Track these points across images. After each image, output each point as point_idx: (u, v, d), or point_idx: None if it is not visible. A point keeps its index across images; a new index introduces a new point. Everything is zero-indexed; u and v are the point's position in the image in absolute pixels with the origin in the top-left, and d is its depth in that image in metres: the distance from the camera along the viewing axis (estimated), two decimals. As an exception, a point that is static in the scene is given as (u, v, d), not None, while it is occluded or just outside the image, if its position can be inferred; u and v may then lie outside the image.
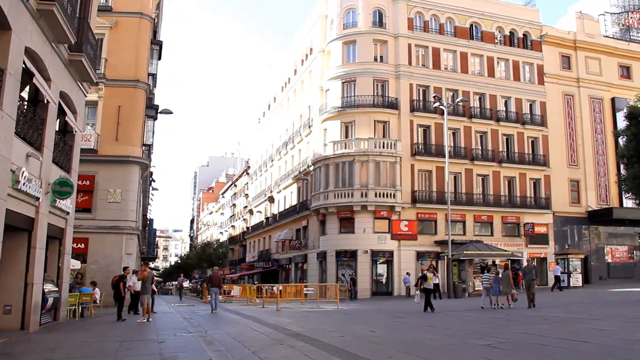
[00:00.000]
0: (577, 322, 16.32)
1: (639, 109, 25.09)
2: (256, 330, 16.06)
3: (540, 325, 15.45)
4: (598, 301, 26.24)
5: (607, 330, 13.47)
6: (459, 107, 44.59)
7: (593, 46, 52.60)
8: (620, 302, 25.24)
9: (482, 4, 49.05)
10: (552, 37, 50.97)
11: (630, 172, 25.13)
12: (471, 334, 14.02)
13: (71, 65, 17.62)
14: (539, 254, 46.65)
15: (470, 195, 44.63)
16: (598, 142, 51.12)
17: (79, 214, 24.17)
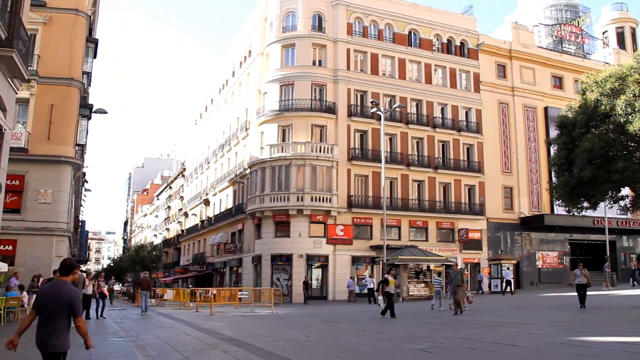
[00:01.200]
0: (508, 326, 17.18)
1: (569, 119, 25.87)
2: (189, 334, 16.16)
3: (473, 330, 16.17)
4: (529, 306, 27.41)
5: (537, 334, 14.28)
6: (396, 112, 45.70)
7: (527, 56, 54.79)
8: (550, 306, 26.51)
9: (420, 11, 50.44)
10: (488, 46, 52.83)
11: (561, 180, 25.82)
12: (404, 338, 14.52)
13: (1, 61, 17.49)
14: (473, 260, 48.19)
15: (406, 200, 45.76)
16: (531, 150, 53.24)
17: (7, 214, 23.75)
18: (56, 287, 6.43)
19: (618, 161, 22.72)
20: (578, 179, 23.89)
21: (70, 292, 6.41)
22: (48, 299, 6.35)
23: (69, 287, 6.48)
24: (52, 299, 6.32)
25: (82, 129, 34.28)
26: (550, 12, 64.61)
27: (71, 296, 6.36)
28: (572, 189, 24.85)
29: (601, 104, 23.87)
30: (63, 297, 6.30)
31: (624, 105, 22.60)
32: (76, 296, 6.47)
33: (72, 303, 6.31)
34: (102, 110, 31.78)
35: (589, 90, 25.11)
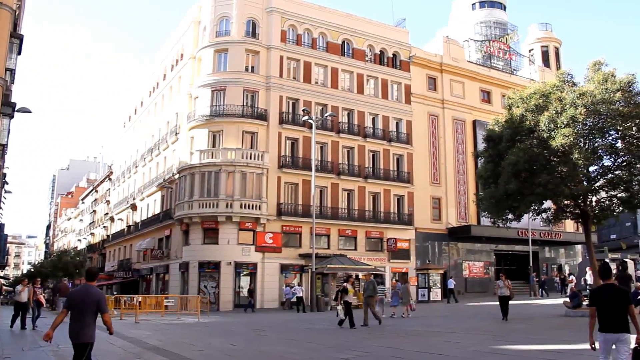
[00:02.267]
0: (434, 335, 17.79)
1: (496, 133, 26.87)
2: (112, 343, 15.89)
3: (400, 339, 16.66)
4: (455, 315, 28.31)
5: (461, 343, 14.88)
6: (328, 121, 46.29)
7: (458, 70, 56.59)
8: (475, 315, 27.48)
9: (354, 21, 51.39)
10: (420, 58, 54.29)
11: (487, 192, 26.78)
12: (332, 347, 14.81)
13: None
14: (401, 269, 49.16)
15: (336, 209, 46.40)
16: (459, 162, 54.89)
17: None
18: (84, 290, 8.18)
19: (541, 175, 23.75)
20: (503, 191, 24.86)
21: (96, 294, 8.16)
22: (78, 300, 8.07)
23: (94, 289, 8.23)
24: (82, 300, 8.03)
25: (3, 128, 33.28)
26: (480, 28, 66.84)
27: (98, 297, 8.10)
28: (497, 201, 25.86)
29: (526, 119, 25.11)
30: (91, 298, 8.02)
31: (547, 121, 23.88)
32: (101, 297, 8.18)
33: (99, 303, 8.04)
34: (25, 109, 31.00)
35: (515, 105, 26.36)
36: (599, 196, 26.44)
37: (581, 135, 24.30)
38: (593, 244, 28.45)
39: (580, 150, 23.37)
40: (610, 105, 23.57)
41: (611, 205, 25.93)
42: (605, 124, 24.14)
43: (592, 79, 24.98)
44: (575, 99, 23.97)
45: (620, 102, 23.84)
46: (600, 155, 25.07)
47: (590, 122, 24.26)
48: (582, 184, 24.79)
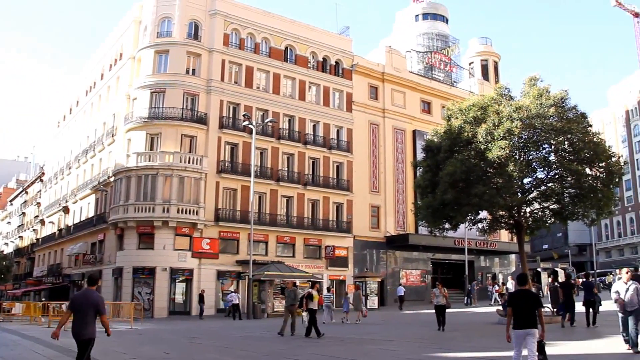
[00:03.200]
0: (370, 343, 18.02)
1: (435, 143, 27.52)
2: (38, 352, 15.52)
3: (336, 347, 16.82)
4: (392, 323, 28.76)
5: (396, 351, 15.14)
6: (268, 127, 46.34)
7: (399, 80, 57.58)
8: (412, 323, 27.96)
9: (298, 28, 51.68)
10: (362, 67, 54.99)
11: (424, 202, 27.42)
12: (267, 355, 14.86)
13: None
14: (339, 277, 49.57)
15: (274, 216, 46.44)
16: (399, 171, 55.77)
17: None
18: (85, 294, 9.57)
19: (478, 186, 24.38)
20: (441, 201, 25.43)
21: (96, 297, 9.56)
22: (79, 302, 9.46)
23: (95, 293, 9.64)
24: (83, 302, 9.41)
25: None
26: (423, 39, 68.16)
27: (97, 300, 9.50)
28: (434, 210, 26.45)
29: (464, 130, 25.71)
30: (91, 301, 9.40)
31: (484, 133, 24.53)
32: (100, 300, 9.61)
33: (98, 305, 9.42)
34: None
35: (454, 117, 27.00)
36: (532, 207, 27.35)
37: (517, 148, 25.18)
38: (526, 254, 29.42)
39: (516, 163, 24.16)
40: (544, 119, 24.47)
41: (543, 217, 26.85)
42: (540, 137, 25.10)
43: (528, 93, 25.87)
44: (511, 113, 24.73)
45: (553, 117, 24.77)
46: (534, 167, 26.08)
47: (526, 136, 25.15)
48: (516, 195, 25.49)
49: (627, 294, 13.36)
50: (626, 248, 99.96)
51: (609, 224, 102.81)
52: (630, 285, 13.44)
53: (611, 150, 26.02)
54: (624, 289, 13.47)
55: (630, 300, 13.25)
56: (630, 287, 13.39)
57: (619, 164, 25.68)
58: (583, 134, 25.04)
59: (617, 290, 13.64)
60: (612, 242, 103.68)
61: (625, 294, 13.41)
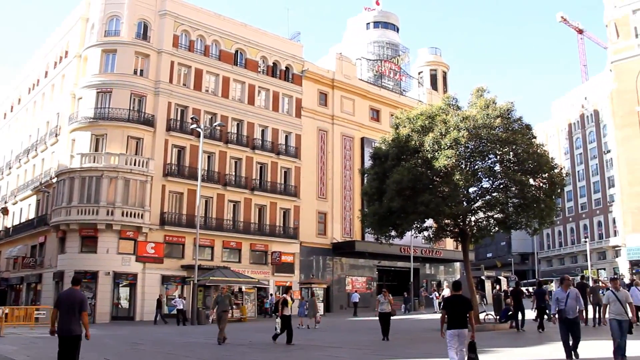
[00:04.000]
0: (316, 349, 18.33)
1: (383, 151, 27.83)
2: None
3: (281, 353, 17.07)
4: (337, 329, 29.15)
5: (341, 357, 15.50)
6: (217, 131, 46.36)
7: (349, 87, 58.39)
8: (358, 329, 28.40)
9: (249, 31, 51.88)
10: (312, 73, 55.55)
11: (371, 209, 27.64)
12: None
13: None
14: (285, 283, 49.66)
15: (221, 220, 46.45)
16: (346, 177, 56.48)
17: None
18: (72, 293, 10.82)
19: (424, 194, 24.87)
20: (387, 208, 25.76)
21: (81, 295, 10.91)
22: (65, 301, 10.65)
23: (80, 292, 11.02)
24: (68, 301, 10.60)
25: None
26: (373, 47, 69.08)
27: (82, 298, 10.83)
28: (381, 218, 26.77)
29: (412, 139, 26.13)
30: (76, 299, 10.63)
31: (431, 142, 25.06)
32: (84, 298, 10.95)
33: (82, 303, 10.63)
34: None
35: (402, 125, 27.36)
36: (477, 216, 27.96)
37: (463, 158, 25.79)
38: (470, 262, 30.16)
39: (462, 172, 24.76)
40: (490, 130, 25.17)
41: (488, 225, 27.62)
42: (485, 147, 25.78)
43: (475, 104, 26.59)
44: (458, 123, 25.35)
45: (499, 128, 25.50)
46: (479, 177, 26.75)
47: (472, 146, 25.84)
48: (462, 204, 26.08)
49: (567, 301, 13.22)
50: (566, 257, 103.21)
51: (551, 233, 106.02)
52: (570, 292, 13.32)
53: (554, 162, 26.86)
54: (564, 296, 13.30)
55: (570, 308, 13.17)
56: (570, 294, 13.28)
57: (561, 176, 26.51)
58: (527, 145, 25.84)
59: (558, 297, 13.45)
60: (554, 251, 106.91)
61: (567, 300, 13.26)
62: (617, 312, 12.45)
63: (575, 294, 13.36)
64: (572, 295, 13.30)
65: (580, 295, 13.89)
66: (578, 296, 13.40)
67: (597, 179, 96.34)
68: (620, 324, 12.33)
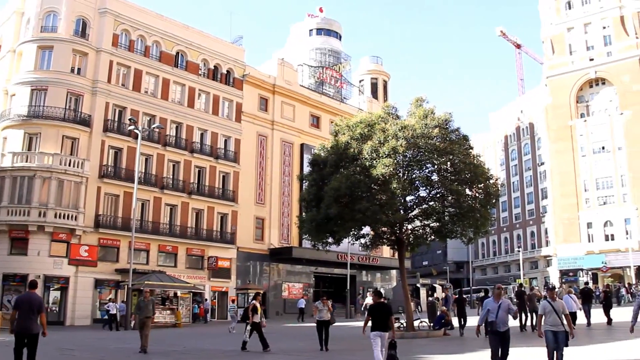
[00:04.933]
0: (252, 356, 18.59)
1: (321, 157, 27.96)
2: None
3: (216, 359, 17.32)
4: (273, 336, 29.43)
5: None
6: (155, 133, 46.23)
7: (290, 93, 59.17)
8: (292, 336, 28.72)
9: (191, 33, 52.00)
10: (253, 78, 56.03)
11: (309, 216, 27.81)
12: None
13: None
14: (221, 288, 50.08)
15: (157, 224, 46.39)
16: (285, 183, 57.13)
17: None
18: (30, 295, 11.95)
19: (362, 201, 25.14)
20: (325, 215, 25.81)
21: (38, 298, 12.16)
22: (24, 303, 11.70)
23: (36, 295, 12.14)
24: (27, 303, 11.70)
25: None
26: (315, 54, 69.90)
27: (40, 300, 12.11)
28: (318, 224, 26.75)
29: (351, 146, 26.42)
30: (34, 301, 11.79)
31: (370, 150, 25.36)
32: (41, 300, 12.38)
33: (40, 304, 11.82)
34: None
35: (341, 132, 27.66)
36: (414, 225, 28.66)
37: (401, 166, 26.21)
38: (406, 270, 30.87)
39: (399, 180, 25.15)
40: (428, 140, 25.65)
41: (424, 234, 28.25)
42: (423, 157, 26.19)
43: (414, 113, 27.04)
44: (397, 132, 25.68)
45: (437, 138, 26.05)
46: (416, 186, 27.13)
47: (410, 155, 26.16)
48: (398, 212, 26.63)
49: (499, 313, 12.39)
50: (500, 266, 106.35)
51: (486, 242, 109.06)
52: (502, 303, 12.49)
53: (490, 173, 27.62)
54: (495, 307, 12.46)
55: (501, 320, 12.34)
56: (502, 306, 12.44)
57: (496, 186, 27.36)
58: (464, 155, 26.49)
59: (488, 308, 12.62)
60: (488, 260, 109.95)
61: (498, 312, 12.43)
62: (553, 323, 12.03)
63: (507, 305, 12.54)
64: (504, 306, 12.44)
65: (517, 305, 14.07)
66: (510, 307, 12.58)
67: (531, 190, 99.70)
68: (556, 335, 11.94)
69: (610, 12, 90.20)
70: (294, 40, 74.63)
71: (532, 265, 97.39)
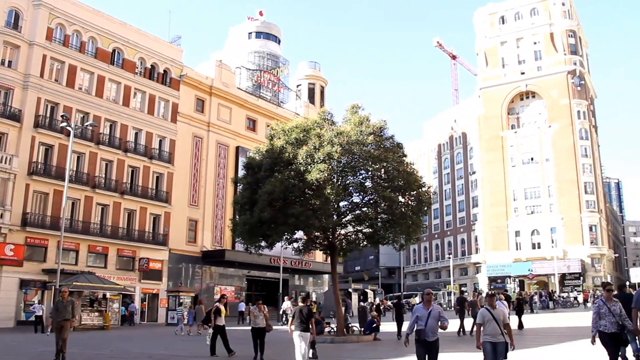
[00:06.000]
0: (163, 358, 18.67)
1: (256, 161, 27.93)
2: None
3: None
4: (190, 339, 29.30)
5: None
6: (88, 131, 45.34)
7: (227, 95, 59.23)
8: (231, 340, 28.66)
9: (128, 31, 51.41)
10: (191, 78, 55.83)
11: (242, 219, 27.56)
12: None
13: None
14: (152, 290, 49.58)
15: (88, 224, 45.59)
16: (219, 186, 57.07)
17: None
18: None
19: (295, 206, 25.22)
20: (258, 219, 25.77)
21: None
22: None
23: None
24: None
25: None
26: (254, 57, 70.16)
27: None
28: (251, 228, 26.65)
29: (286, 151, 26.44)
30: None
31: (305, 155, 25.46)
32: None
33: None
34: None
35: (277, 137, 27.69)
36: (347, 230, 29.00)
37: (335, 172, 26.46)
38: (339, 274, 31.47)
39: (333, 186, 25.45)
40: (363, 146, 26.01)
41: (357, 239, 28.61)
42: (357, 163, 26.58)
43: (350, 120, 27.36)
44: (332, 137, 25.85)
45: (372, 145, 26.45)
46: (350, 192, 27.45)
47: (344, 161, 26.45)
48: (332, 217, 27.05)
49: (428, 321, 11.29)
50: (431, 272, 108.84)
51: (417, 249, 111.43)
52: (433, 310, 11.37)
53: (422, 180, 28.20)
54: (425, 314, 11.34)
55: (430, 328, 11.25)
56: (432, 313, 11.33)
57: (428, 194, 27.99)
58: (398, 163, 26.95)
59: (418, 315, 11.42)
60: (419, 266, 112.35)
61: (427, 320, 11.33)
62: (492, 333, 10.77)
63: (438, 312, 11.42)
64: (435, 314, 11.33)
65: (458, 311, 14.18)
66: (442, 316, 11.47)
67: (463, 199, 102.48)
68: (495, 347, 10.72)
69: (541, 29, 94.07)
70: (233, 42, 74.67)
71: (462, 271, 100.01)
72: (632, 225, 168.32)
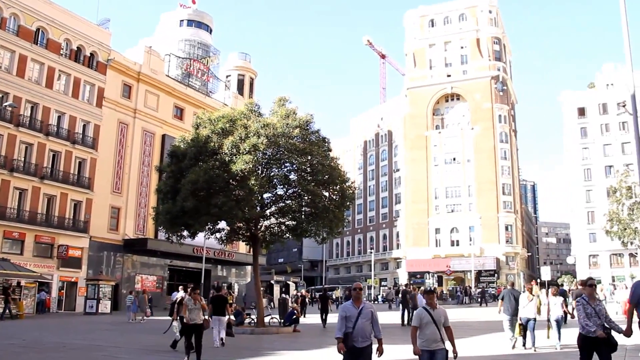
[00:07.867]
0: (96, 350, 18.07)
1: (181, 150, 27.53)
2: None
3: (57, 353, 16.70)
4: (124, 329, 28.52)
5: (121, 358, 15.48)
6: (7, 112, 43.49)
7: (155, 82, 57.90)
8: (146, 330, 27.83)
9: (54, 11, 49.37)
10: (118, 63, 54.25)
11: (164, 208, 27.10)
12: None
13: None
14: (71, 278, 48.01)
15: (4, 208, 43.57)
16: (144, 174, 55.78)
17: None
18: None
19: (219, 196, 25.13)
20: (181, 208, 25.44)
21: None
22: None
23: None
24: None
25: None
26: (184, 45, 68.88)
27: None
28: (174, 217, 26.32)
29: (211, 140, 26.26)
30: None
31: (230, 145, 25.29)
32: None
33: None
34: None
35: (203, 126, 27.39)
36: (270, 222, 29.02)
37: (260, 164, 26.43)
38: (261, 266, 31.35)
39: (257, 177, 25.41)
40: (289, 139, 26.05)
41: (279, 232, 28.64)
42: (283, 156, 26.60)
43: (277, 112, 27.33)
44: (259, 129, 25.76)
45: (297, 138, 26.57)
46: (274, 184, 27.57)
47: (270, 153, 26.51)
48: (255, 209, 26.94)
49: (358, 321, 8.70)
50: (353, 266, 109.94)
51: (340, 243, 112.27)
52: (363, 308, 8.76)
53: (346, 175, 28.71)
54: (355, 314, 8.74)
55: (361, 331, 8.66)
56: (364, 312, 8.75)
57: (351, 189, 28.42)
58: (323, 157, 27.19)
59: (346, 315, 8.75)
60: (341, 260, 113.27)
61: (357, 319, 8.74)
62: (431, 337, 8.77)
63: (369, 312, 8.82)
64: (366, 313, 8.76)
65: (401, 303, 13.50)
66: (374, 316, 8.85)
67: (386, 195, 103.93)
68: (434, 355, 8.73)
69: (468, 34, 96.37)
70: (164, 29, 73.05)
71: (383, 266, 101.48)
72: (544, 226, 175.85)
